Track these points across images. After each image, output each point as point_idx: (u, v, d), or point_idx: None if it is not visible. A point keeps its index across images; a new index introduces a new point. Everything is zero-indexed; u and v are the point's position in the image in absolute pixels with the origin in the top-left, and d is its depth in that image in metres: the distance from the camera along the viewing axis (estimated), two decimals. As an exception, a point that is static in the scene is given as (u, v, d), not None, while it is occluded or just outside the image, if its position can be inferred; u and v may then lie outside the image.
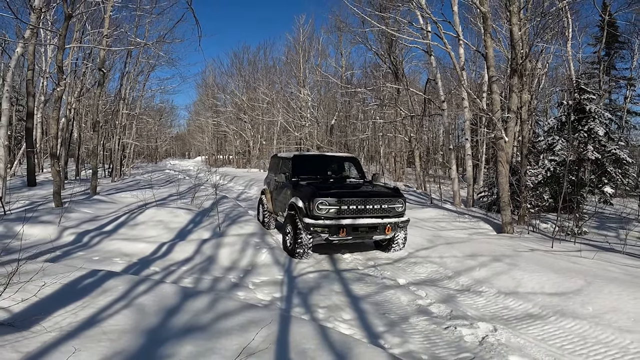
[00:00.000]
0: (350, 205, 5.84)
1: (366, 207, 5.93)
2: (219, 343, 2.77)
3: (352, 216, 5.83)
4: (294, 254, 5.99)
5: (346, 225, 5.72)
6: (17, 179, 14.26)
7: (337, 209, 5.76)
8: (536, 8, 12.57)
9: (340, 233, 5.70)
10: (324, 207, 5.70)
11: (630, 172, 12.43)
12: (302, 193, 6.10)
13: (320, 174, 7.35)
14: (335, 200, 5.78)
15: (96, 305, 3.17)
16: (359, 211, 5.88)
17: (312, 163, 7.74)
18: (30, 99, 13.09)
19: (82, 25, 15.78)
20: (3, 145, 8.84)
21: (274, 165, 8.42)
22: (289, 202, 6.39)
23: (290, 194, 6.52)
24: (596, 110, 11.28)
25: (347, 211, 5.81)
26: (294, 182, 6.64)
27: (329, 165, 7.79)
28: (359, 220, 5.82)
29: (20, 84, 21.64)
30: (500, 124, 8.01)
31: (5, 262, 3.38)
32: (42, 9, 9.10)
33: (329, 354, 2.75)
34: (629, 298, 4.02)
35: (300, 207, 5.94)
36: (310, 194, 5.83)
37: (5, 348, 2.43)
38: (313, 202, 5.70)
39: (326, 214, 5.71)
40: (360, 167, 7.96)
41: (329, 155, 8.49)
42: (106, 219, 7.87)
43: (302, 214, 5.86)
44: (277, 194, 7.50)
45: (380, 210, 6.02)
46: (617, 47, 21.94)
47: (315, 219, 5.69)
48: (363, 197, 6.01)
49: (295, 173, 6.96)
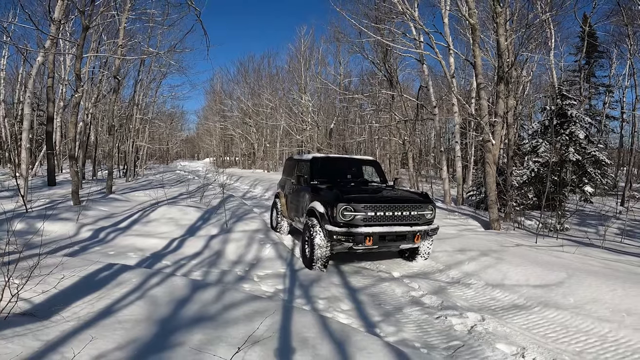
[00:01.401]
0: (378, 211, 5.02)
1: (394, 213, 5.11)
2: (226, 332, 2.77)
3: (379, 223, 5.00)
4: (312, 264, 5.18)
5: (373, 233, 4.89)
6: (38, 179, 14.25)
7: (364, 216, 4.95)
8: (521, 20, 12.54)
9: (366, 242, 4.86)
10: (348, 214, 4.89)
11: (609, 173, 12.44)
12: (324, 198, 5.32)
13: (340, 178, 6.54)
14: (362, 205, 4.96)
15: (112, 297, 3.17)
16: (386, 218, 5.06)
17: (332, 166, 6.87)
18: (50, 104, 13.07)
19: (99, 35, 15.80)
20: (25, 148, 8.85)
21: (289, 167, 7.58)
22: (308, 207, 5.60)
23: (309, 199, 5.73)
24: (577, 115, 11.28)
25: (374, 218, 4.99)
26: (313, 186, 5.89)
27: (349, 169, 7.02)
28: (387, 228, 5.01)
29: (41, 91, 21.63)
30: (488, 127, 8.01)
31: (27, 256, 3.38)
32: (61, 21, 9.10)
33: (329, 342, 2.75)
34: (607, 290, 4.02)
35: (322, 213, 5.14)
36: (333, 198, 5.03)
37: (27, 336, 2.43)
38: (336, 208, 4.89)
39: (351, 221, 4.90)
40: (381, 171, 7.19)
41: (349, 158, 7.51)
42: (121, 216, 7.86)
43: (323, 220, 5.08)
44: (294, 198, 6.67)
45: (409, 217, 5.21)
46: (596, 56, 21.93)
47: (339, 226, 4.89)
48: (391, 203, 5.16)
49: (314, 176, 6.18)
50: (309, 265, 5.23)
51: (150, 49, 15.04)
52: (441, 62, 10.24)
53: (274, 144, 32.48)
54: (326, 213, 5.09)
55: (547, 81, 17.41)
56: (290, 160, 7.93)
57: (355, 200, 5.02)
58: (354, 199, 5.02)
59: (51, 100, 13.12)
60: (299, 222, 6.20)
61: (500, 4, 7.88)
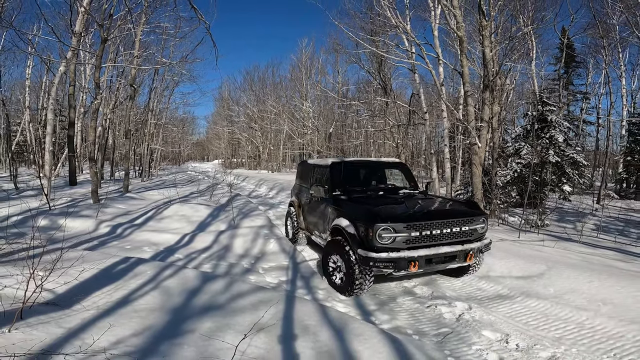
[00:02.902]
0: (423, 230, 3.82)
1: (443, 231, 3.91)
2: (234, 320, 2.76)
3: (425, 244, 3.85)
4: (347, 292, 4.00)
5: (419, 257, 3.73)
6: (60, 179, 14.24)
7: (406, 237, 3.76)
8: (505, 33, 12.57)
9: (410, 267, 3.70)
10: (388, 236, 3.70)
11: (586, 173, 12.43)
12: (353, 214, 4.16)
13: (365, 185, 5.36)
14: (404, 225, 3.75)
15: (128, 287, 3.17)
16: (433, 237, 3.88)
17: (355, 172, 5.59)
18: (71, 110, 13.07)
19: (116, 47, 15.77)
20: (48, 150, 8.83)
21: (304, 173, 6.32)
22: (332, 224, 4.44)
23: (333, 214, 4.56)
24: (556, 120, 11.28)
25: (419, 238, 3.83)
26: (335, 198, 4.76)
27: (374, 175, 5.76)
28: (434, 249, 3.83)
29: (63, 98, 21.57)
30: (475, 132, 8.00)
31: (50, 250, 3.38)
32: (81, 34, 9.09)
33: (328, 329, 2.75)
34: (584, 281, 4.02)
35: (352, 234, 3.96)
36: (367, 217, 3.84)
37: (50, 324, 2.43)
38: (373, 229, 3.69)
39: (390, 244, 3.72)
40: (411, 176, 5.83)
41: (374, 162, 6.09)
42: (137, 213, 7.85)
43: (354, 242, 3.91)
44: (312, 210, 5.49)
45: (459, 234, 4.02)
46: (574, 66, 21.93)
47: (376, 250, 3.70)
48: (439, 219, 3.94)
49: (335, 185, 4.95)
50: (342, 292, 4.07)
51: (163, 59, 15.04)
52: (431, 72, 10.24)
53: (278, 147, 32.54)
54: (358, 234, 3.90)
55: (529, 89, 17.40)
56: (304, 164, 6.54)
57: (396, 218, 3.81)
58: (394, 217, 3.83)
59: (72, 106, 13.13)
60: (320, 237, 5.12)
61: (486, 17, 7.88)
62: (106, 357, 2.10)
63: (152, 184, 16.12)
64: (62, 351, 2.12)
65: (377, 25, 14.02)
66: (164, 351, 2.27)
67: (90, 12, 8.98)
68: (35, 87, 22.86)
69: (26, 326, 2.35)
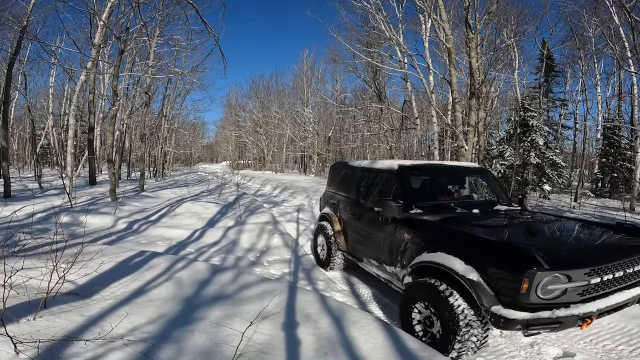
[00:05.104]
0: (606, 274, 2.27)
1: (626, 271, 2.37)
2: (241, 308, 2.76)
3: (604, 292, 2.32)
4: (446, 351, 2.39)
5: (598, 311, 2.21)
6: (81, 179, 14.24)
7: (584, 286, 2.21)
8: (490, 44, 12.59)
9: (583, 325, 2.17)
10: (556, 287, 2.14)
11: (564, 174, 12.43)
12: (465, 249, 2.48)
13: (446, 198, 3.67)
14: (586, 271, 2.19)
15: (144, 279, 3.16)
16: (615, 281, 2.35)
17: (431, 181, 3.86)
18: (91, 116, 13.06)
19: (133, 58, 15.73)
20: (70, 153, 8.83)
21: (345, 179, 4.46)
22: (421, 259, 2.75)
23: (420, 244, 2.88)
24: (537, 125, 11.28)
25: (599, 286, 2.28)
26: (411, 219, 3.07)
27: (454, 184, 4.13)
28: (615, 297, 2.31)
29: (83, 105, 21.56)
30: (462, 135, 8.00)
31: (71, 245, 3.37)
32: (100, 45, 9.09)
33: (327, 317, 2.74)
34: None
35: (478, 285, 2.29)
36: (510, 257, 2.23)
37: (72, 312, 2.43)
38: (530, 279, 2.07)
39: (554, 298, 2.17)
40: (500, 186, 4.11)
41: (454, 167, 4.12)
42: (151, 210, 7.84)
43: (480, 293, 2.27)
44: (366, 231, 3.80)
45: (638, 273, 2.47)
46: (553, 75, 21.90)
47: (529, 308, 2.13)
48: (626, 257, 2.37)
49: (409, 200, 3.22)
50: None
51: (176, 69, 15.03)
52: (422, 80, 10.24)
53: (281, 150, 32.56)
54: (489, 283, 2.28)
55: (512, 96, 17.40)
56: (345, 167, 4.59)
57: (572, 262, 2.23)
58: (567, 259, 2.25)
59: (92, 112, 13.11)
60: (382, 270, 3.44)
61: (472, 31, 7.88)
62: (123, 343, 2.09)
63: (165, 183, 16.11)
64: (83, 337, 2.12)
65: (372, 37, 14.04)
66: (177, 337, 2.27)
67: (109, 25, 8.97)
68: (58, 95, 22.84)
69: (50, 314, 2.34)
